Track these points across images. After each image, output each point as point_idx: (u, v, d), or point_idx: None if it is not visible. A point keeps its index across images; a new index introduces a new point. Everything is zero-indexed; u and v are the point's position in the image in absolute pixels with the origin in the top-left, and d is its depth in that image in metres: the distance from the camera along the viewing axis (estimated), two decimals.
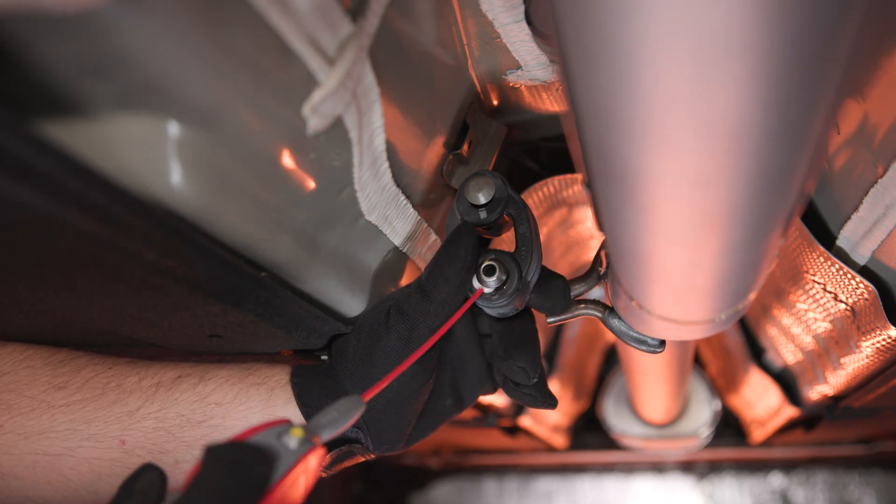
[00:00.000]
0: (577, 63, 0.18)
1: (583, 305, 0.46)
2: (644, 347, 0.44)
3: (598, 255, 0.44)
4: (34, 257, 0.31)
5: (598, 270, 0.43)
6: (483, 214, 0.41)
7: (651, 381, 0.93)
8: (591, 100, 0.19)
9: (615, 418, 1.32)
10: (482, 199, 0.41)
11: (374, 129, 0.37)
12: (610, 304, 0.45)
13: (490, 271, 0.40)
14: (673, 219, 0.22)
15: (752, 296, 0.33)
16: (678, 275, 0.27)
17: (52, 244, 0.28)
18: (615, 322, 0.44)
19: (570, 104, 0.21)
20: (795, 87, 0.16)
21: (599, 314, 0.46)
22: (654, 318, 0.34)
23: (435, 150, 0.46)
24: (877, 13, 0.14)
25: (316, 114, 0.32)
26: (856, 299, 0.52)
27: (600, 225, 0.30)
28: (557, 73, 0.21)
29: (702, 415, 1.28)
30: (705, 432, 1.26)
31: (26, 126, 0.25)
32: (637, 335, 0.44)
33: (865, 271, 0.49)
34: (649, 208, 0.22)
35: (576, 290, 0.45)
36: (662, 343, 0.44)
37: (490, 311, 0.43)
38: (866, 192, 0.42)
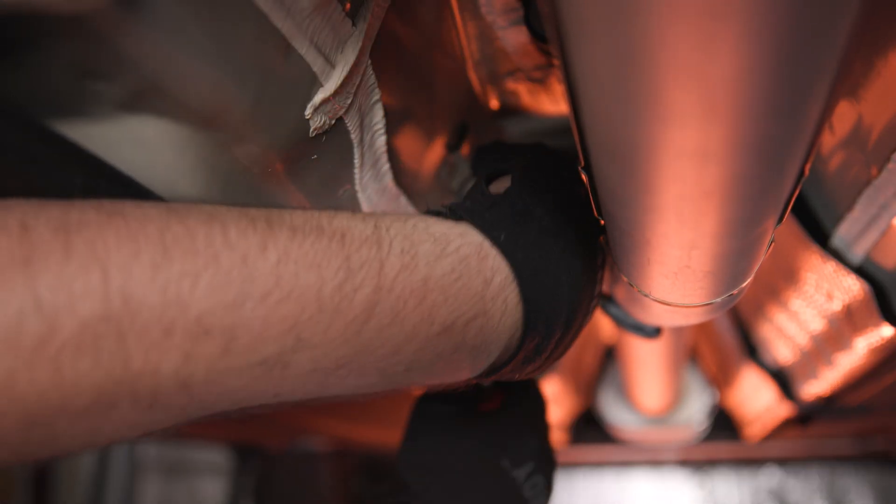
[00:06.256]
0: (574, 34, 0.18)
1: None
2: (641, 333, 0.45)
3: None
4: None
5: None
6: None
7: (646, 370, 0.93)
8: (590, 71, 0.19)
9: (610, 409, 1.33)
10: None
11: (375, 130, 0.37)
12: (608, 292, 0.45)
13: None
14: (672, 195, 0.22)
15: (747, 283, 0.33)
16: (676, 255, 0.27)
17: None
18: (613, 309, 0.45)
19: (567, 80, 0.20)
20: (800, 56, 0.16)
21: (598, 300, 0.47)
22: (651, 302, 0.35)
23: (435, 152, 0.46)
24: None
25: (318, 115, 0.32)
26: (850, 298, 0.53)
27: (598, 208, 0.30)
28: (553, 50, 0.21)
29: (698, 405, 1.28)
30: (702, 423, 1.27)
31: (31, 127, 0.26)
32: (635, 321, 0.44)
33: (859, 271, 0.50)
34: (648, 185, 0.22)
35: None
36: (658, 329, 0.45)
37: None
38: (860, 193, 0.43)
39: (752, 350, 0.92)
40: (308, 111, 0.32)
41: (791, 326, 0.70)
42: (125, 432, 0.22)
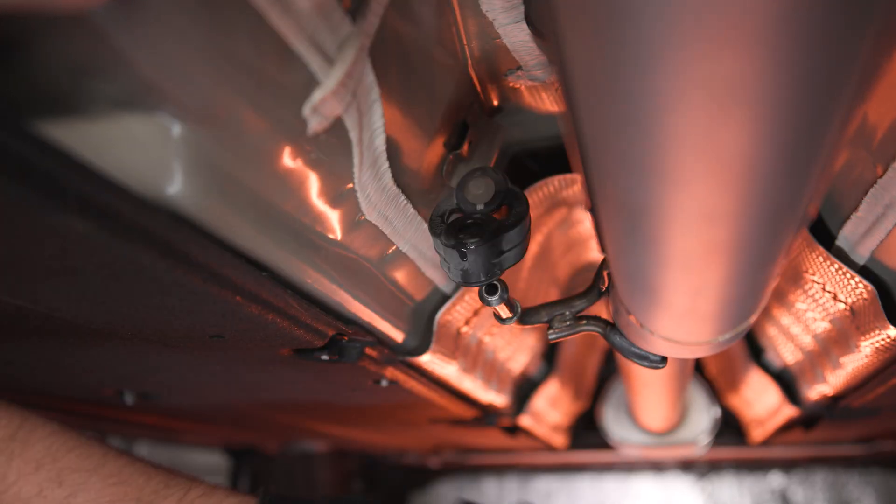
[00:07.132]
0: (586, 108, 0.18)
1: (584, 321, 0.47)
2: (645, 363, 0.45)
3: (599, 272, 0.44)
4: (36, 258, 0.31)
5: (600, 287, 0.44)
6: (480, 206, 0.42)
7: (651, 392, 0.93)
8: (601, 142, 0.19)
9: (614, 426, 1.33)
10: (481, 196, 0.42)
11: (374, 129, 0.37)
12: (611, 321, 0.45)
13: (492, 290, 0.42)
14: (680, 250, 0.22)
15: (755, 317, 0.33)
16: (682, 301, 0.27)
17: (54, 244, 0.29)
18: (617, 338, 0.45)
19: (575, 138, 0.21)
20: (803, 131, 0.16)
21: (601, 330, 0.46)
22: (656, 338, 0.35)
23: (435, 150, 0.46)
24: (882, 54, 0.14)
25: (316, 114, 0.32)
26: (855, 299, 0.52)
27: (603, 248, 0.30)
28: (562, 104, 0.22)
29: (701, 422, 1.28)
30: (705, 440, 1.27)
31: (28, 126, 0.26)
32: (639, 351, 0.44)
33: (865, 271, 0.49)
34: (656, 240, 0.22)
35: (577, 306, 0.46)
36: (664, 359, 0.44)
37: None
38: (865, 193, 0.43)
39: (756, 352, 0.91)
40: (306, 110, 0.32)
41: (796, 328, 0.70)
42: None
